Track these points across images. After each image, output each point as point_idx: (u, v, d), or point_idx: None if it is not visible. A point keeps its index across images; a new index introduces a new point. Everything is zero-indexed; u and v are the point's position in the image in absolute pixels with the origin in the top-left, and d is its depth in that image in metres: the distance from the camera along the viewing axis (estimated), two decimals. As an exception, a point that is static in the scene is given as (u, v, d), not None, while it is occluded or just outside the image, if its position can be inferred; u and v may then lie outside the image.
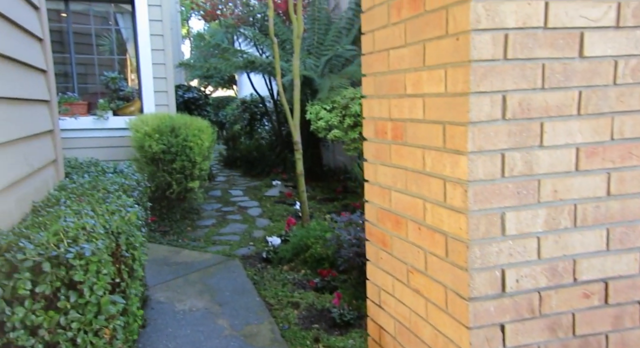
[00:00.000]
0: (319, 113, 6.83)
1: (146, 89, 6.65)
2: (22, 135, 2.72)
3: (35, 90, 3.19)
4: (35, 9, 3.41)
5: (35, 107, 3.18)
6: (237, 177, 9.66)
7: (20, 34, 2.99)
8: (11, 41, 2.75)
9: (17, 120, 2.67)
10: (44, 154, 3.24)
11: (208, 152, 6.25)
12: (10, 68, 2.69)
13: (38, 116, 3.24)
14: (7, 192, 2.39)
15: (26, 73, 3.05)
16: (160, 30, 6.62)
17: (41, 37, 3.45)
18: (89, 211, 2.34)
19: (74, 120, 6.14)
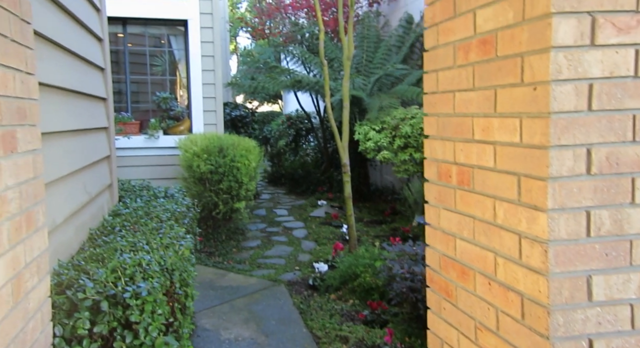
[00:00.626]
0: (368, 133, 6.80)
1: (196, 109, 6.82)
2: (83, 164, 2.82)
3: (96, 119, 3.31)
4: (99, 41, 3.56)
5: (95, 135, 3.30)
6: (282, 195, 9.72)
7: (85, 66, 3.13)
8: (77, 75, 2.87)
9: (79, 151, 2.77)
10: (100, 180, 3.35)
11: (254, 173, 6.32)
12: (75, 101, 2.80)
13: (98, 144, 3.36)
14: (67, 223, 2.47)
15: (89, 103, 3.18)
16: (211, 51, 6.79)
17: (103, 67, 3.59)
18: (144, 244, 2.38)
19: (126, 139, 6.36)
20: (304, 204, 8.66)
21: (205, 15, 6.72)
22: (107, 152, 3.62)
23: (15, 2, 1.41)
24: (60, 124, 2.36)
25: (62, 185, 2.37)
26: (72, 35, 2.79)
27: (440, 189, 1.99)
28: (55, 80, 2.33)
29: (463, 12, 1.72)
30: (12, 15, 1.38)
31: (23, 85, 1.45)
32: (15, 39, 1.40)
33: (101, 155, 3.42)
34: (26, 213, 1.45)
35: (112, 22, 6.61)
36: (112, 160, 3.71)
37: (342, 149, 5.86)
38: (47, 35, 2.23)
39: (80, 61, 2.94)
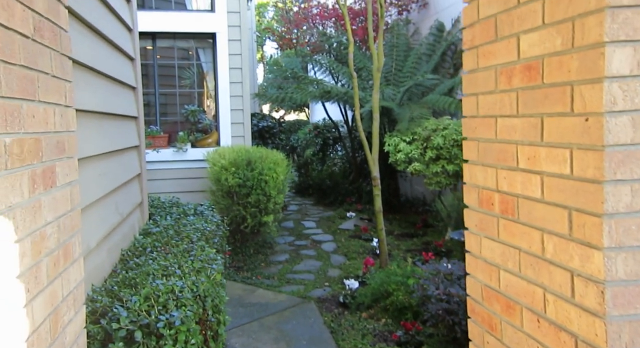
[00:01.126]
0: (399, 145, 6.75)
1: (223, 121, 6.89)
2: (116, 185, 2.86)
3: (128, 139, 3.36)
4: (131, 60, 3.63)
5: (127, 155, 3.35)
6: (310, 206, 9.72)
7: (117, 87, 3.19)
8: (109, 97, 2.93)
9: (111, 173, 2.82)
10: (132, 199, 3.40)
11: (282, 186, 6.33)
12: (108, 123, 2.85)
13: (129, 163, 3.41)
14: (100, 246, 2.51)
15: (121, 124, 3.24)
16: (239, 63, 6.86)
17: (134, 86, 3.65)
18: (175, 269, 2.39)
19: (155, 153, 6.46)
20: (332, 216, 8.64)
21: (233, 28, 6.79)
22: (138, 170, 3.68)
23: (56, 37, 1.44)
24: (93, 148, 2.41)
25: (95, 209, 2.41)
26: (106, 58, 2.85)
27: (482, 217, 1.94)
28: (90, 105, 2.37)
29: (505, 36, 1.68)
30: (53, 52, 1.41)
31: (62, 119, 1.47)
32: (56, 75, 1.43)
33: (132, 174, 3.47)
34: (64, 247, 1.47)
35: (142, 37, 6.74)
36: (143, 177, 3.77)
37: (372, 162, 5.83)
38: (82, 61, 2.28)
39: (112, 83, 3.00)
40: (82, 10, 2.30)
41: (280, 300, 5.06)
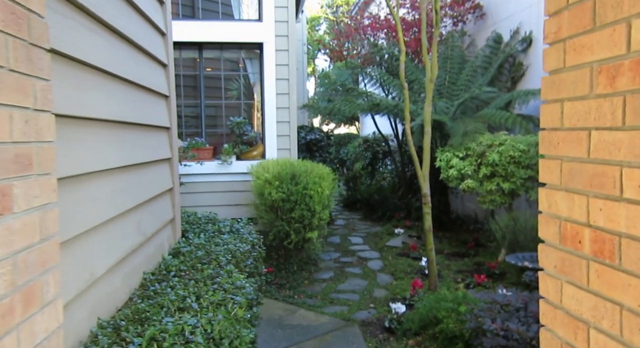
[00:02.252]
0: (451, 161, 6.21)
1: (269, 133, 6.59)
2: (138, 202, 2.55)
3: (157, 151, 3.08)
4: (163, 67, 3.36)
5: (155, 168, 3.07)
6: (357, 221, 9.27)
7: (144, 94, 2.91)
8: (132, 105, 2.64)
9: (132, 188, 2.52)
10: (160, 216, 3.10)
11: (328, 201, 5.93)
12: (128, 133, 2.56)
13: (158, 176, 3.12)
14: (113, 272, 2.19)
15: (149, 135, 2.96)
16: (286, 74, 6.56)
17: (167, 94, 3.38)
18: (192, 301, 2.03)
19: (199, 165, 6.24)
20: (379, 232, 8.15)
21: (281, 38, 6.52)
22: (170, 184, 3.38)
23: (20, 21, 1.12)
24: (106, 161, 2.10)
25: (107, 231, 2.10)
26: (128, 62, 2.58)
27: (564, 257, 1.46)
28: (101, 112, 2.08)
29: (608, 23, 1.22)
30: (11, 39, 1.08)
31: (27, 126, 1.15)
32: (17, 69, 1.11)
33: (162, 189, 3.17)
34: (24, 290, 1.13)
35: (189, 47, 6.59)
36: (175, 192, 3.47)
37: (422, 178, 5.34)
38: (90, 62, 1.98)
39: (137, 89, 2.72)
40: (92, 4, 2.01)
41: (322, 323, 4.64)
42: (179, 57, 6.67)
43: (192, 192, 6.38)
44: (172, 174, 3.46)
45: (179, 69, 6.73)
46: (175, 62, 6.73)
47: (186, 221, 3.94)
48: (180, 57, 6.66)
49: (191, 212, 4.26)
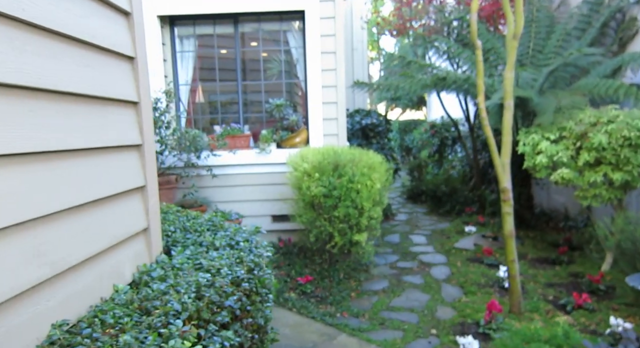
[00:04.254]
0: (539, 145, 4.64)
1: (314, 117, 5.35)
2: (45, 212, 1.44)
3: (112, 133, 1.99)
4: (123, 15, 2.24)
5: (108, 158, 1.97)
6: (421, 215, 7.81)
7: (92, 54, 1.80)
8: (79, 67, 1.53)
9: (41, 188, 1.40)
10: (116, 228, 2.01)
11: (380, 196, 4.61)
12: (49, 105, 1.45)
13: (114, 171, 2.03)
14: None
15: (96, 110, 1.86)
16: (333, 46, 5.26)
17: (131, 55, 2.25)
18: None
19: (231, 154, 5.14)
20: (447, 229, 6.68)
21: (326, 2, 5.22)
22: (139, 181, 2.25)
23: None
24: None
25: None
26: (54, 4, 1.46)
27: None
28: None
29: None
30: None
31: None
32: None
33: (121, 188, 2.07)
34: None
35: (223, 20, 5.48)
36: (150, 192, 2.33)
37: (501, 168, 3.86)
38: None
39: (73, 45, 1.62)
40: None
41: (366, 357, 3.37)
42: (212, 33, 5.58)
43: (224, 185, 5.31)
44: (143, 167, 2.33)
45: (212, 48, 5.65)
46: (209, 39, 5.65)
47: (182, 227, 2.81)
48: (215, 32, 5.57)
49: (197, 215, 3.12)
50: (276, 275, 4.68)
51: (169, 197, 5.01)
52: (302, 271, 4.74)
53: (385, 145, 7.32)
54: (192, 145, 4.78)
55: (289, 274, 4.70)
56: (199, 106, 6.01)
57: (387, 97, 13.47)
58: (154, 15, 5.21)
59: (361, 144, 7.06)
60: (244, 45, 5.94)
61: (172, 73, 5.51)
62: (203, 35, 5.63)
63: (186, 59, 5.61)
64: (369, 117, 7.20)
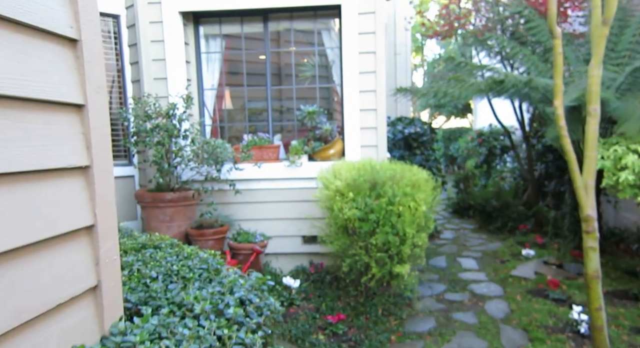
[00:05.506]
0: (623, 158, 3.60)
1: (350, 125, 4.51)
2: None
3: (46, 151, 1.23)
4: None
5: (41, 185, 1.22)
6: (470, 232, 6.79)
7: None
8: None
9: None
10: (42, 291, 1.27)
11: (425, 220, 3.70)
12: None
13: (47, 206, 1.30)
14: None
15: (28, 116, 1.10)
16: (372, 45, 4.42)
17: (74, 37, 1.50)
18: None
19: (256, 168, 4.38)
20: (500, 250, 5.65)
21: (364, -4, 4.39)
22: (84, 219, 1.52)
23: None
24: None
25: None
26: None
27: None
28: None
29: None
30: None
31: None
32: None
33: (50, 232, 1.37)
34: None
35: (251, 18, 4.75)
36: (103, 234, 1.58)
37: (583, 191, 2.91)
38: None
39: None
40: None
41: None
42: (240, 32, 4.86)
43: (249, 202, 4.56)
44: (92, 200, 1.58)
45: (240, 49, 4.93)
46: (237, 39, 4.94)
47: (167, 270, 2.06)
48: (242, 31, 4.85)
49: (189, 251, 2.35)
50: (304, 309, 3.86)
51: (186, 215, 4.31)
52: (333, 305, 3.90)
53: (430, 157, 6.37)
54: (211, 158, 4.06)
55: (318, 308, 3.87)
56: (226, 113, 5.30)
57: (430, 104, 12.43)
58: (175, 11, 4.54)
59: (403, 155, 6.15)
60: (274, 46, 5.19)
61: (196, 76, 4.84)
62: (230, 36, 4.92)
63: (212, 60, 4.93)
64: (412, 126, 6.28)
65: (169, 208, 4.22)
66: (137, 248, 2.40)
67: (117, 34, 4.81)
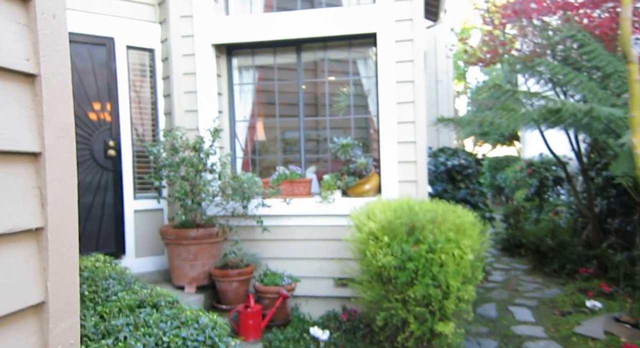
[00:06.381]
0: None
1: (387, 159, 4.07)
2: None
3: None
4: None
5: None
6: (522, 274, 6.04)
7: None
8: None
9: None
10: None
11: (473, 270, 3.15)
12: None
13: None
14: None
15: None
16: (410, 74, 4.00)
17: (30, 72, 1.17)
18: None
19: (285, 204, 3.99)
20: (559, 299, 4.91)
21: (403, 22, 4.00)
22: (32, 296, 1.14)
23: None
24: None
25: None
26: None
27: None
28: None
29: None
30: None
31: None
32: None
33: None
34: None
35: (285, 48, 4.48)
36: (53, 312, 1.22)
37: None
38: None
39: None
40: None
41: None
42: (272, 63, 4.59)
43: (277, 239, 4.17)
44: (42, 268, 1.24)
45: (272, 80, 4.65)
46: (269, 70, 4.67)
47: (157, 342, 1.65)
48: (275, 62, 4.57)
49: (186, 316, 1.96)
50: (331, 366, 3.36)
51: (211, 253, 3.96)
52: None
53: (476, 191, 5.76)
54: (237, 193, 3.72)
55: (348, 366, 3.36)
56: (258, 145, 5.00)
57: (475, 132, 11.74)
58: (207, 44, 4.34)
59: (446, 188, 5.59)
60: (308, 76, 4.87)
61: (228, 108, 4.58)
62: (263, 66, 4.66)
63: (244, 92, 4.67)
64: (455, 157, 5.74)
65: (193, 246, 3.89)
66: (132, 306, 2.05)
67: (152, 67, 4.67)
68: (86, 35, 4.25)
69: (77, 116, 4.21)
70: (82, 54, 4.26)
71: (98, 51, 4.34)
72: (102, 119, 4.35)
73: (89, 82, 4.30)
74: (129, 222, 4.44)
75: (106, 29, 4.32)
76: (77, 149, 4.35)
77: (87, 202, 4.28)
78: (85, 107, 4.27)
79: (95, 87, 4.33)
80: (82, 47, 4.26)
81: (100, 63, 4.35)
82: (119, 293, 2.26)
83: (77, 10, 4.16)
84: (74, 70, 4.18)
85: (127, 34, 4.42)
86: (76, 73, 4.22)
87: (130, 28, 4.43)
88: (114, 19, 4.34)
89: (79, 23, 4.18)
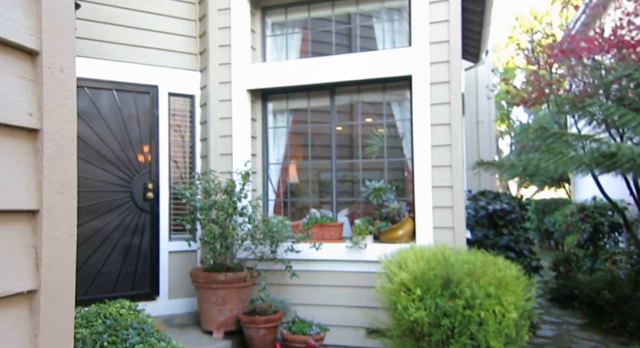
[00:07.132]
0: None
1: (421, 204, 3.85)
2: None
3: None
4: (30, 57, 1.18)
5: None
6: (576, 330, 5.43)
7: None
8: None
9: None
10: None
11: (517, 330, 2.81)
12: None
13: None
14: None
15: None
16: (446, 117, 3.84)
17: (34, 127, 1.15)
18: None
19: (313, 249, 3.83)
20: (620, 361, 4.32)
21: (439, 65, 3.88)
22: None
23: None
24: None
25: None
26: None
27: None
28: None
29: None
30: None
31: None
32: None
33: None
34: None
35: (318, 92, 4.46)
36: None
37: None
38: None
39: None
40: None
41: None
42: (306, 107, 4.57)
43: (307, 284, 3.99)
44: (32, 334, 1.16)
45: (306, 123, 4.61)
46: (303, 113, 4.65)
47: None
48: (309, 106, 4.55)
49: None
50: None
51: (240, 297, 3.82)
52: None
53: (520, 237, 5.34)
54: (265, 237, 3.61)
55: None
56: (290, 187, 4.92)
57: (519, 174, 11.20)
58: (243, 89, 4.39)
59: (487, 234, 5.22)
60: (342, 119, 4.81)
61: (262, 151, 4.56)
62: (296, 109, 4.65)
63: (278, 135, 4.65)
64: (497, 202, 5.39)
65: (222, 290, 3.77)
66: (142, 361, 1.92)
67: (191, 112, 4.78)
68: (133, 84, 4.43)
69: (120, 160, 4.32)
70: (127, 101, 4.42)
71: (142, 99, 4.49)
72: (143, 163, 4.44)
73: (133, 127, 4.44)
74: (163, 263, 4.42)
75: (151, 77, 4.48)
76: (118, 192, 4.37)
77: (125, 243, 4.31)
78: (128, 152, 4.38)
79: (138, 132, 4.45)
80: (128, 95, 4.43)
81: (144, 109, 4.49)
82: (135, 346, 2.16)
83: (126, 62, 4.36)
84: (120, 117, 4.34)
85: (170, 81, 4.57)
86: (122, 119, 4.37)
87: (173, 76, 4.58)
88: (159, 69, 4.51)
89: (127, 73, 4.37)
